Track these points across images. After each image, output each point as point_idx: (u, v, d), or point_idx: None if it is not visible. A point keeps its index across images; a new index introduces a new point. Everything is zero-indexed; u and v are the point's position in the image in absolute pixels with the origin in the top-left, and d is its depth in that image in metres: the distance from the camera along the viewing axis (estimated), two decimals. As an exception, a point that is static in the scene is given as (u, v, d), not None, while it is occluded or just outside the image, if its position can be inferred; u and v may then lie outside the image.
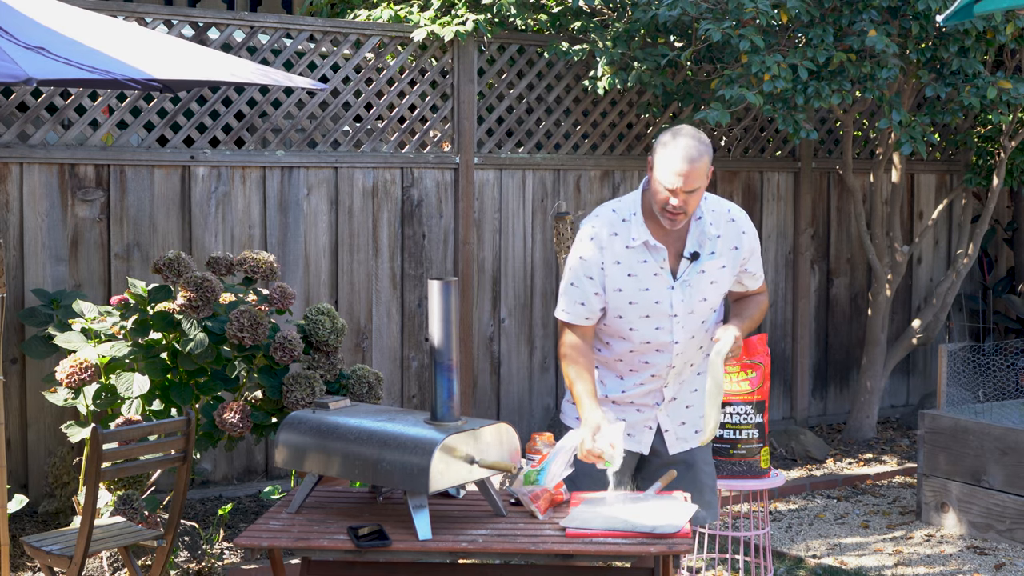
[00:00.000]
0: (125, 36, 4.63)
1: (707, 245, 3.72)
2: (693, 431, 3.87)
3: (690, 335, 3.74)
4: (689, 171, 3.53)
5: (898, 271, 7.73)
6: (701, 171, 3.55)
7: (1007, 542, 5.75)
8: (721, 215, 3.76)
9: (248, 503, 6.08)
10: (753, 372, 4.65)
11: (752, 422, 4.64)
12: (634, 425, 3.82)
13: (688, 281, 3.70)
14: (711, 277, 3.72)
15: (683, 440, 3.87)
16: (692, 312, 3.71)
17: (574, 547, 3.19)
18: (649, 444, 3.84)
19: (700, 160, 3.55)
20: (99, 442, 3.91)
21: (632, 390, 3.80)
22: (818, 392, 8.24)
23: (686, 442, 3.87)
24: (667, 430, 3.85)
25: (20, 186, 5.70)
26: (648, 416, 3.83)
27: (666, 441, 3.85)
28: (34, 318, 5.40)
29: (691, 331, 3.73)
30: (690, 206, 3.59)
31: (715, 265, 3.72)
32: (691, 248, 3.70)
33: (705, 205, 3.73)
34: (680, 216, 3.60)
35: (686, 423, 3.86)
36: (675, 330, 3.71)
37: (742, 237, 3.76)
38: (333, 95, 6.50)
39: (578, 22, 6.85)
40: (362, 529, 3.24)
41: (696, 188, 3.56)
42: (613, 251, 3.69)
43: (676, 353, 3.74)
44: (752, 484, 4.71)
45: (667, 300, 3.69)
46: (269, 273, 5.22)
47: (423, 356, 6.77)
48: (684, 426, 3.86)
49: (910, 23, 6.44)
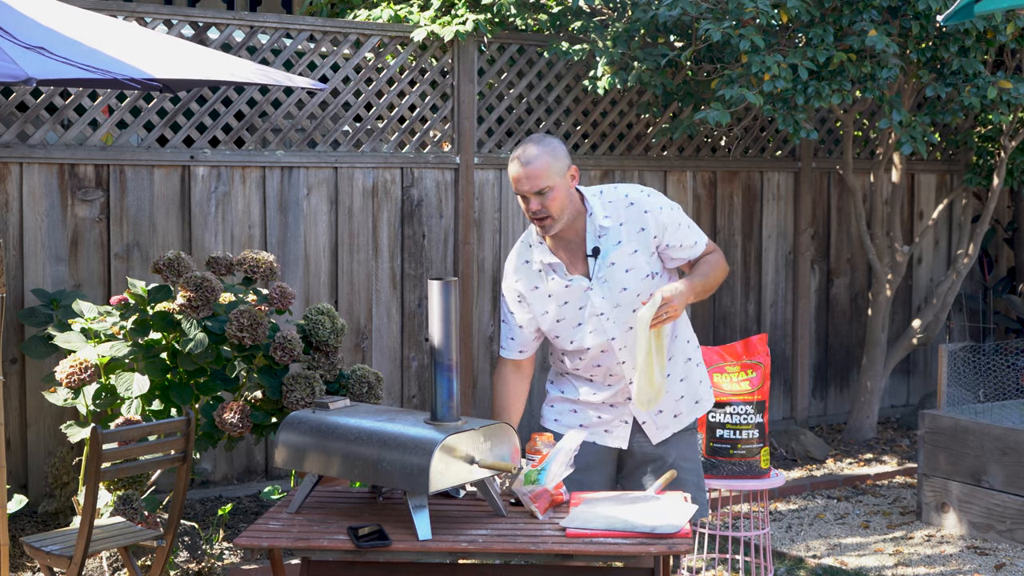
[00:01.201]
0: (125, 36, 4.62)
1: (608, 237, 3.74)
2: (672, 416, 3.89)
3: (626, 327, 3.75)
4: (527, 172, 3.62)
5: (898, 271, 7.73)
6: (541, 171, 3.61)
7: (1007, 542, 5.75)
8: (618, 203, 3.77)
9: (248, 503, 6.08)
10: (753, 372, 4.64)
11: (752, 422, 4.63)
12: (610, 422, 3.88)
13: (602, 277, 3.74)
14: (624, 266, 3.73)
15: (664, 428, 3.89)
16: (618, 305, 3.74)
17: (574, 547, 3.19)
18: (627, 438, 3.88)
19: (538, 160, 3.62)
20: (99, 442, 3.91)
21: (600, 392, 3.86)
22: (818, 392, 8.24)
23: (668, 428, 3.89)
24: (644, 421, 3.88)
25: (20, 186, 5.70)
26: (622, 412, 3.87)
27: (647, 432, 3.88)
28: (34, 318, 5.40)
29: (626, 323, 3.75)
30: (552, 208, 3.65)
31: (624, 253, 3.73)
32: (591, 244, 3.74)
33: (596, 200, 3.77)
34: (547, 220, 3.67)
35: (663, 411, 3.87)
36: (608, 328, 3.75)
37: (645, 217, 3.75)
38: (333, 95, 6.49)
39: (578, 22, 6.85)
40: (362, 529, 3.24)
41: (545, 188, 3.63)
42: (528, 278, 3.81)
43: (619, 348, 3.77)
44: (752, 484, 4.71)
45: (587, 303, 3.75)
46: (269, 273, 5.22)
47: (423, 356, 6.77)
48: (661, 414, 3.88)
49: (910, 23, 6.43)
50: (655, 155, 7.47)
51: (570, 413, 3.91)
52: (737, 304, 7.83)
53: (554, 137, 3.76)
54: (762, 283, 7.93)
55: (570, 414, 3.91)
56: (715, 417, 4.65)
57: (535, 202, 3.65)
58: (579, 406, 3.89)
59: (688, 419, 3.92)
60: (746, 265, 7.86)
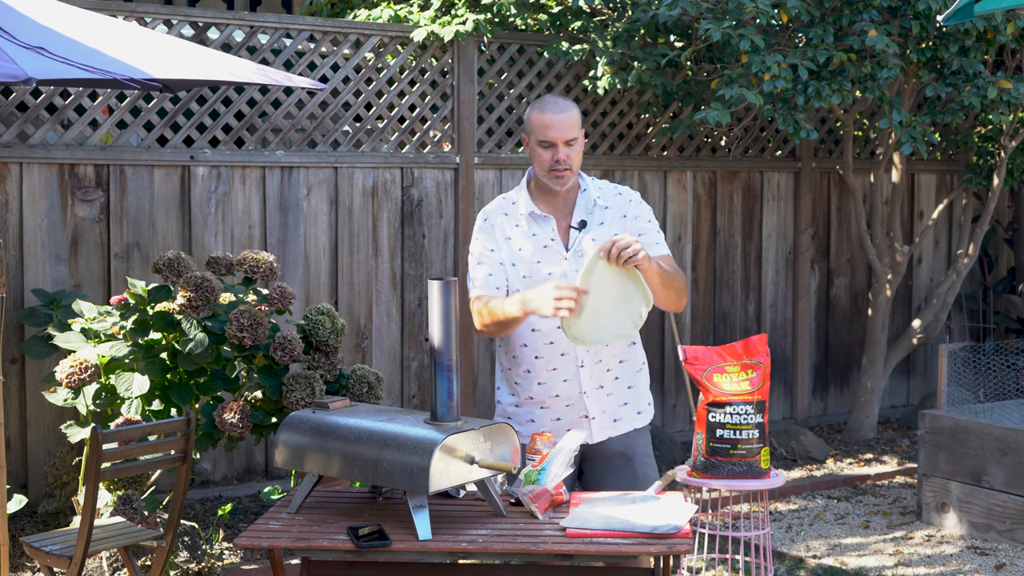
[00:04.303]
0: (125, 36, 4.62)
1: (596, 215, 3.82)
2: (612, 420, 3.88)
3: None
4: (563, 119, 3.72)
5: (898, 271, 7.73)
6: (572, 121, 3.74)
7: (1007, 542, 5.75)
8: (608, 190, 3.90)
9: (248, 503, 6.08)
10: (753, 372, 4.63)
11: (752, 422, 4.62)
12: (572, 420, 3.87)
13: (579, 251, 3.78)
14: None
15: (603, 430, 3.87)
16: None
17: (574, 547, 3.19)
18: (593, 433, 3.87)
19: (571, 109, 3.76)
20: (99, 442, 3.91)
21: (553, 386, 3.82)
22: (818, 392, 8.24)
23: (606, 431, 3.88)
24: (593, 417, 3.86)
25: (20, 186, 5.70)
26: (579, 407, 3.86)
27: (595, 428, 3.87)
28: (34, 318, 5.40)
29: None
30: (573, 160, 3.75)
31: (605, 234, 3.77)
32: (579, 217, 3.82)
33: (592, 183, 3.88)
34: (567, 173, 3.75)
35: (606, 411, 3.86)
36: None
37: (629, 205, 3.86)
38: (333, 95, 6.49)
39: (578, 22, 6.85)
40: (362, 529, 3.24)
41: (573, 139, 3.74)
42: (503, 230, 3.84)
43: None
44: (752, 484, 4.70)
45: (560, 271, 3.77)
46: (269, 273, 5.22)
47: (423, 356, 6.77)
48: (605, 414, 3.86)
49: (910, 23, 6.43)
50: (655, 155, 7.47)
51: (528, 423, 3.88)
52: (737, 304, 7.82)
53: None
54: (762, 283, 7.93)
55: (528, 423, 3.88)
56: (715, 417, 4.64)
57: (563, 150, 3.73)
58: (536, 412, 3.87)
59: (626, 427, 3.91)
60: (746, 265, 7.86)
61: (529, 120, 3.79)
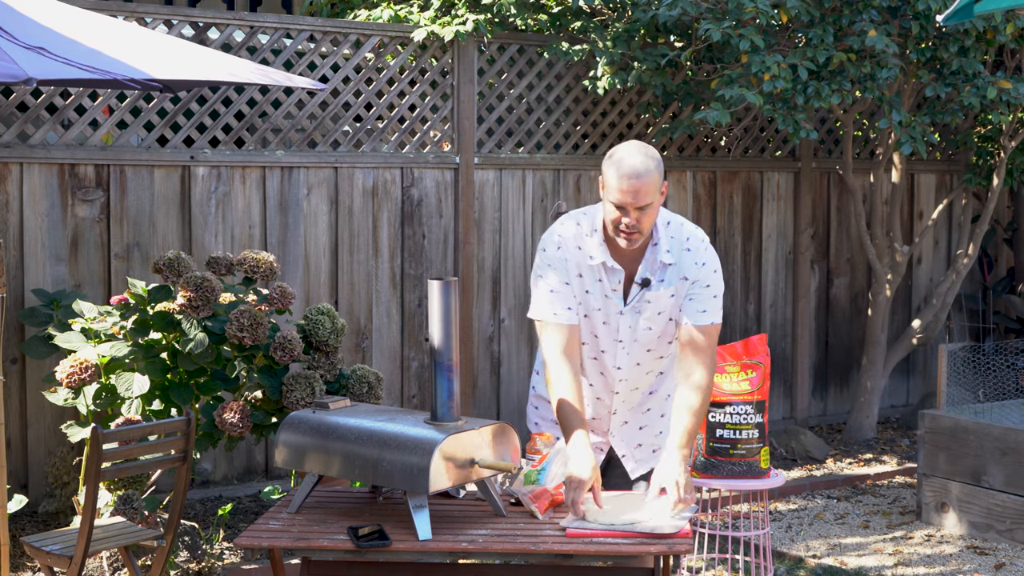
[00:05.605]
0: (125, 36, 4.62)
1: (658, 273, 3.60)
2: (651, 451, 3.86)
3: (635, 362, 3.71)
4: (639, 186, 3.41)
5: (898, 271, 7.73)
6: (650, 185, 3.42)
7: (1007, 542, 5.75)
8: (679, 242, 3.62)
9: (248, 503, 6.08)
10: (753, 372, 4.64)
11: (752, 422, 4.62)
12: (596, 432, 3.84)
13: (637, 308, 3.63)
14: (658, 307, 3.63)
15: (643, 462, 3.87)
16: (637, 340, 3.67)
17: (574, 547, 3.19)
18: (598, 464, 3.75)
19: (648, 175, 3.42)
20: (99, 442, 3.91)
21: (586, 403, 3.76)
22: (818, 392, 8.24)
23: (647, 463, 3.86)
24: (623, 455, 3.85)
25: (20, 186, 5.70)
26: (599, 441, 3.83)
27: (626, 467, 3.86)
28: (34, 318, 5.40)
29: (636, 358, 3.70)
30: (644, 224, 3.47)
31: (664, 295, 3.61)
32: (643, 274, 3.60)
33: (665, 230, 3.60)
34: (636, 236, 3.48)
35: (642, 445, 3.86)
36: (619, 355, 3.69)
37: (694, 268, 3.61)
38: (333, 95, 6.49)
39: (578, 22, 6.85)
40: (362, 529, 3.24)
41: (647, 204, 3.44)
42: (577, 265, 3.62)
43: (619, 379, 3.73)
44: (752, 484, 4.70)
45: (615, 324, 3.65)
46: (269, 273, 5.22)
47: (423, 356, 6.77)
48: (641, 448, 3.86)
49: (910, 23, 6.44)
50: (655, 155, 7.46)
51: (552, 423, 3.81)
52: (737, 304, 7.83)
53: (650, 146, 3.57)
54: (762, 283, 7.93)
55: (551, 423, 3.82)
56: (715, 417, 4.64)
57: (634, 216, 3.45)
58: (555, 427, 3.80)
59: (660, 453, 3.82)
60: (746, 265, 7.86)
61: (604, 173, 3.49)
